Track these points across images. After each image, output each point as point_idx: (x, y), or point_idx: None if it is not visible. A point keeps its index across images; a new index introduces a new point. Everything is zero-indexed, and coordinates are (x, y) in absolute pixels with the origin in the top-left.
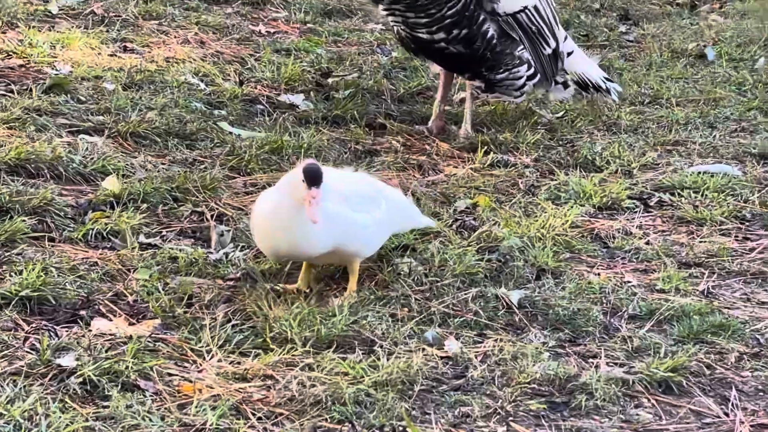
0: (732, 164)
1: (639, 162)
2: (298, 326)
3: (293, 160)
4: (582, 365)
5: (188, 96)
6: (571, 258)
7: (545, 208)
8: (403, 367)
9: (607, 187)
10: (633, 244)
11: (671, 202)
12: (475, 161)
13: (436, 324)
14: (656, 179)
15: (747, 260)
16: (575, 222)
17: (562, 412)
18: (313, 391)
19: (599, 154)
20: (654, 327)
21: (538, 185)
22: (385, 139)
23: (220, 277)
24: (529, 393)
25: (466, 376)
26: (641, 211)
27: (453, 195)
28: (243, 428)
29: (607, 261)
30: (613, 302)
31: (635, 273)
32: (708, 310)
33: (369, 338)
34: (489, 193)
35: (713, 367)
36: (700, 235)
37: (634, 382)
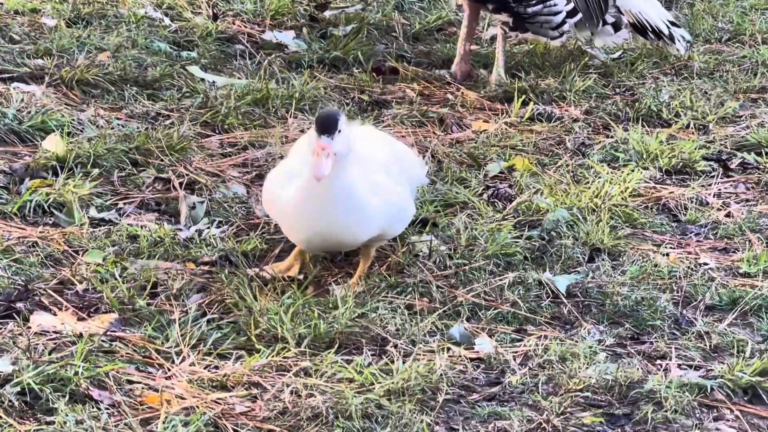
0: None
1: (716, 114)
2: (290, 321)
3: (282, 113)
4: (648, 368)
5: (149, 34)
6: (633, 235)
7: (599, 172)
8: (424, 371)
9: (677, 146)
10: (710, 217)
11: (757, 164)
12: (510, 114)
13: (463, 318)
14: (738, 135)
15: None
16: (637, 189)
17: (623, 426)
18: (311, 403)
19: (666, 104)
20: (737, 320)
21: (590, 144)
22: (397, 87)
23: (192, 260)
24: (581, 403)
25: (503, 383)
26: (720, 176)
27: (483, 156)
28: None
29: (678, 238)
30: (685, 289)
31: (713, 253)
32: None
33: (380, 336)
34: (528, 154)
35: None
36: None
37: (713, 389)
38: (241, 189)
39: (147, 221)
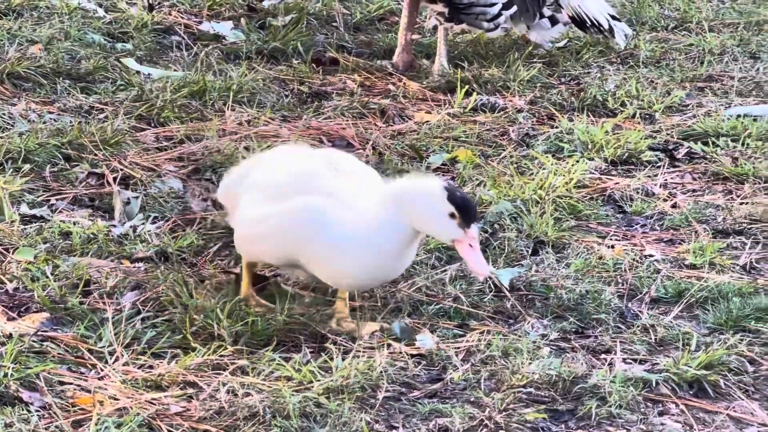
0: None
1: (663, 103)
2: (227, 319)
3: (219, 106)
4: (592, 363)
5: (82, 25)
6: (577, 227)
7: (543, 163)
8: (363, 368)
9: (623, 136)
10: (656, 208)
11: (704, 153)
12: (453, 105)
13: (404, 313)
14: (685, 125)
15: None
16: (582, 181)
17: (566, 422)
18: (247, 402)
19: (612, 93)
20: (683, 313)
21: (534, 134)
22: (337, 78)
23: (127, 257)
24: (524, 399)
25: (444, 379)
26: (666, 166)
27: (425, 148)
28: None
29: (623, 230)
30: (630, 282)
31: (659, 244)
32: (751, 290)
33: (319, 333)
34: (471, 146)
35: (758, 363)
36: (740, 194)
37: (659, 383)
38: (177, 183)
39: (80, 217)
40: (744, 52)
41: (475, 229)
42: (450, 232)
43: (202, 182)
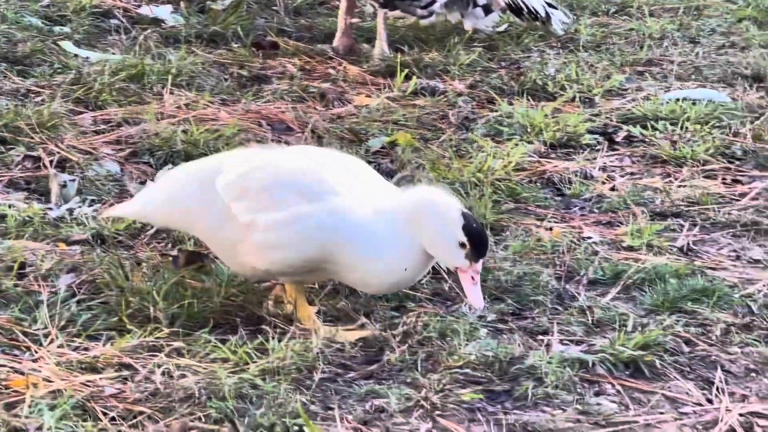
0: (718, 88)
1: (602, 87)
2: (163, 301)
3: (158, 90)
4: (529, 344)
5: (20, 8)
6: (516, 209)
7: (483, 146)
8: (300, 350)
9: (562, 119)
10: (594, 191)
11: (643, 137)
12: (393, 88)
13: (342, 296)
14: (624, 108)
15: (737, 208)
16: (521, 164)
17: (503, 402)
18: (183, 383)
19: (552, 77)
20: (620, 294)
21: (474, 118)
22: (277, 62)
23: (63, 239)
24: (461, 380)
25: (381, 361)
26: (605, 149)
27: (365, 132)
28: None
29: (562, 212)
30: (568, 264)
31: (597, 227)
32: (688, 272)
33: (256, 315)
34: (411, 129)
35: (694, 343)
36: (678, 177)
37: (595, 364)
38: (114, 167)
39: (15, 200)
40: (684, 36)
41: (480, 263)
42: (456, 259)
43: (140, 165)
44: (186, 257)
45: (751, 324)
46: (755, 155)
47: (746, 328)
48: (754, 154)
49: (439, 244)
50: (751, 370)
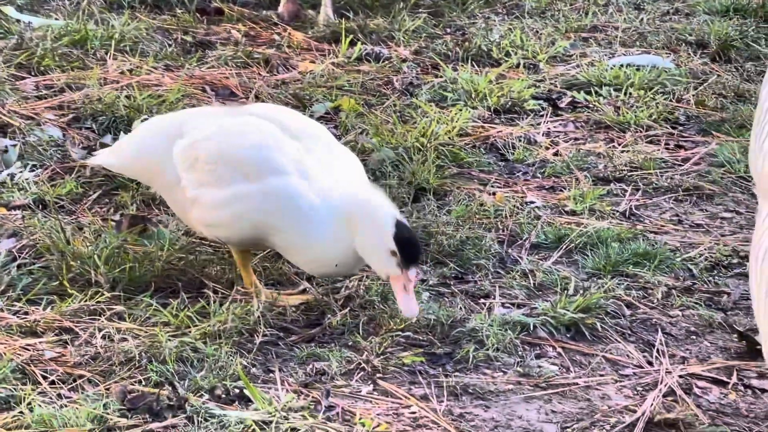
0: (662, 55)
1: (547, 53)
2: (104, 265)
3: (101, 55)
4: (471, 307)
5: None
6: (459, 174)
7: (427, 111)
8: (241, 313)
9: (507, 85)
10: (538, 156)
11: (587, 102)
12: (338, 54)
13: (284, 259)
14: (568, 74)
15: (679, 173)
16: (465, 129)
17: (444, 365)
18: (124, 347)
19: (497, 43)
20: (562, 258)
21: (419, 84)
22: (221, 28)
23: (4, 204)
24: (402, 343)
25: (322, 324)
26: (549, 115)
27: (309, 97)
28: (31, 395)
29: (505, 177)
30: (511, 228)
31: (540, 191)
32: (630, 236)
33: (198, 279)
34: (355, 95)
35: (635, 306)
36: (622, 142)
37: (536, 327)
38: (56, 132)
39: None
40: (628, 3)
41: (413, 272)
42: (388, 267)
43: (82, 131)
44: (129, 221)
45: (692, 287)
46: (698, 121)
47: (687, 291)
48: (697, 120)
49: (371, 250)
50: (692, 332)
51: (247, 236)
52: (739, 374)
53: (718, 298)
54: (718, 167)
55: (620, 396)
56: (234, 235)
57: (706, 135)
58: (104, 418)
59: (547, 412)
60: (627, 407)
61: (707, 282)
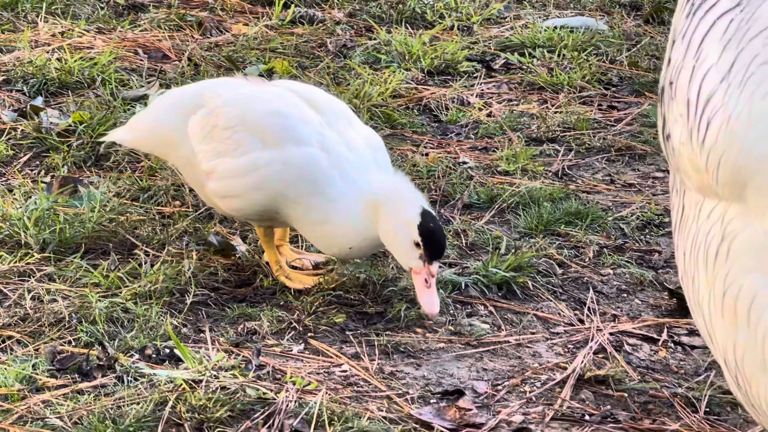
0: (596, 16)
1: (481, 15)
2: (34, 226)
3: (32, 17)
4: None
5: None
6: (392, 135)
7: (360, 73)
8: (172, 273)
9: (440, 47)
10: (471, 117)
11: (520, 64)
12: (271, 17)
13: (216, 221)
14: (502, 36)
15: (612, 134)
16: (398, 90)
17: (375, 324)
18: (53, 308)
19: (431, 5)
20: (494, 218)
21: (352, 46)
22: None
23: None
24: (333, 302)
25: (254, 284)
26: (483, 76)
27: (242, 60)
28: None
29: (438, 138)
30: (444, 188)
31: (473, 152)
32: (562, 196)
33: (129, 240)
34: (289, 57)
35: (567, 265)
36: (555, 104)
37: (468, 286)
38: None
39: None
40: None
41: (437, 266)
42: (410, 259)
43: (13, 93)
44: (59, 183)
45: (624, 246)
46: (631, 82)
47: (618, 250)
48: (629, 81)
49: (394, 240)
50: (623, 290)
51: (264, 208)
52: (669, 331)
53: (649, 257)
54: (650, 127)
55: (551, 353)
56: (250, 206)
57: (639, 96)
58: (33, 378)
59: (478, 369)
60: (558, 365)
61: (638, 241)
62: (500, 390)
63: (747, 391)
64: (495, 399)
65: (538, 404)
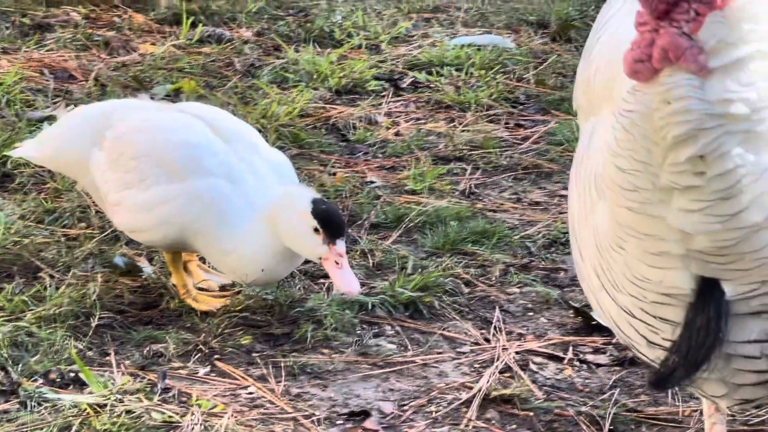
0: (504, 35)
1: (389, 34)
2: None
3: None
4: (310, 287)
5: None
6: (300, 155)
7: (268, 93)
8: (77, 296)
9: (348, 66)
10: (379, 136)
11: (428, 82)
12: (179, 36)
13: (122, 243)
14: (410, 55)
15: (518, 152)
16: (306, 110)
17: (282, 345)
18: None
19: (339, 24)
20: (402, 237)
21: (260, 65)
22: (61, 11)
23: None
24: (240, 324)
25: (160, 306)
26: (390, 95)
27: (150, 80)
28: None
29: (346, 157)
30: (351, 208)
31: (380, 171)
32: (469, 214)
33: (33, 263)
34: (196, 77)
35: (473, 284)
36: (462, 122)
37: (375, 306)
38: None
39: None
40: None
41: (341, 244)
42: (315, 248)
43: None
44: None
45: (530, 264)
46: (538, 100)
47: (524, 269)
48: (536, 99)
49: (296, 237)
50: (529, 309)
51: (172, 241)
52: (574, 350)
53: (555, 275)
54: (556, 146)
55: (457, 373)
56: (158, 240)
57: (546, 114)
58: None
59: (384, 390)
60: (464, 384)
61: (544, 259)
62: (406, 410)
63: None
64: (401, 419)
65: (444, 424)
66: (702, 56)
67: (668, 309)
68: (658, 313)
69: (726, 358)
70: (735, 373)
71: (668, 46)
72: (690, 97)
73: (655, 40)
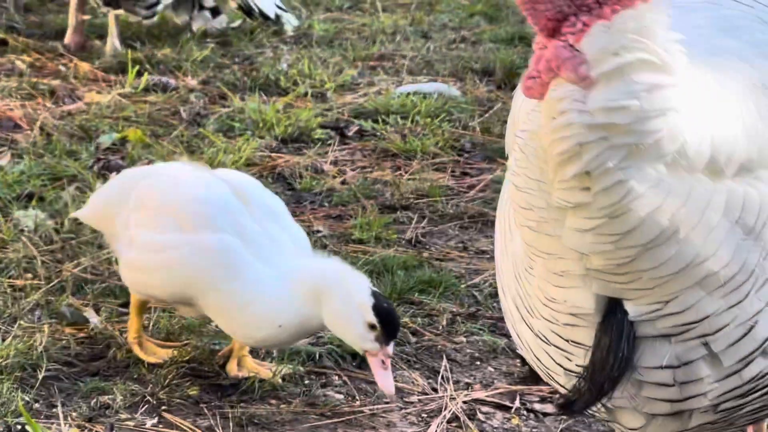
0: (449, 82)
1: (335, 82)
2: None
3: None
4: None
5: None
6: None
7: (214, 141)
8: (24, 348)
9: (294, 114)
10: (325, 185)
11: (374, 130)
12: (124, 85)
13: (69, 292)
14: (356, 103)
15: (465, 200)
16: (252, 158)
17: (229, 396)
18: None
19: (284, 73)
20: None
21: (206, 114)
22: (6, 59)
23: None
24: (188, 375)
25: (107, 357)
26: (337, 143)
27: (95, 128)
28: None
29: (293, 206)
30: None
31: (327, 220)
32: (416, 264)
33: None
34: (142, 125)
35: (420, 333)
36: (408, 170)
37: (322, 356)
38: None
39: None
40: (416, 31)
41: (392, 346)
42: (364, 342)
43: None
44: None
45: (477, 313)
46: (483, 148)
47: (472, 318)
48: (482, 147)
49: (344, 324)
50: (476, 358)
51: (180, 292)
52: (522, 398)
53: (501, 324)
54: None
55: (405, 423)
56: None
57: (491, 162)
58: None
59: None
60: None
61: (491, 308)
62: None
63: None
64: None
65: None
66: (584, 66)
67: (578, 331)
68: (569, 336)
69: (637, 385)
70: (647, 401)
71: (551, 56)
72: (571, 110)
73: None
